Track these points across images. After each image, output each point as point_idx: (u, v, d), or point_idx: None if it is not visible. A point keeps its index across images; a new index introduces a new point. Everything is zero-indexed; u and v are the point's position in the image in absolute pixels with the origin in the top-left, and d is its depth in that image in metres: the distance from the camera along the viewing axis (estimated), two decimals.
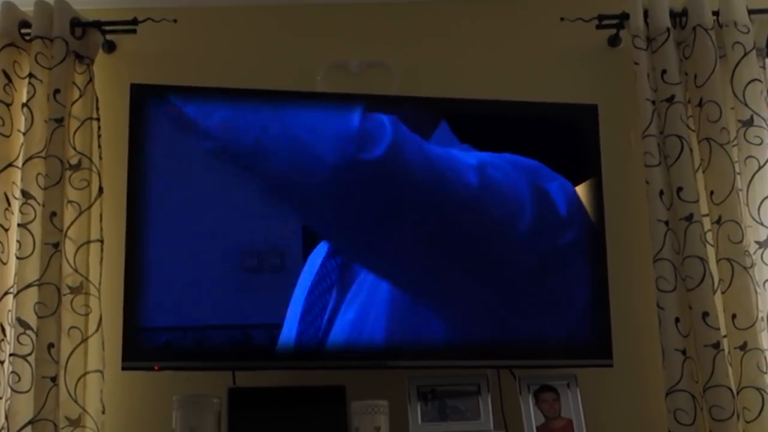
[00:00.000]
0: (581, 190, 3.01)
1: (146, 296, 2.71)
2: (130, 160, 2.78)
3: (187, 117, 2.83)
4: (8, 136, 2.97)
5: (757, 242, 2.98)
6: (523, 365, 2.90)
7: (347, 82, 3.21)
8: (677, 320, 2.88)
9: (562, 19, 3.24)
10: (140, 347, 2.69)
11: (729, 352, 2.89)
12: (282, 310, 2.76)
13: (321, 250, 2.84)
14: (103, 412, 2.82)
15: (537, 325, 2.91)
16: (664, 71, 3.11)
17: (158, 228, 2.75)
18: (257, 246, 2.81)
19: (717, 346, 2.84)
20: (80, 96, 3.02)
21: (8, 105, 2.98)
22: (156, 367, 2.73)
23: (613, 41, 3.34)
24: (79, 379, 2.79)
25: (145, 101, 2.83)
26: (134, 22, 3.13)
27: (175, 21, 3.16)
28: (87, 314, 2.85)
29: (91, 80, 3.06)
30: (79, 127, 2.98)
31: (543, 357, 2.92)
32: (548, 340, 2.91)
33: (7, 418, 2.72)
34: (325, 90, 3.18)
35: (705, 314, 2.87)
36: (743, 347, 2.86)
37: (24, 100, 3.00)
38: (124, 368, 2.69)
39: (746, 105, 3.06)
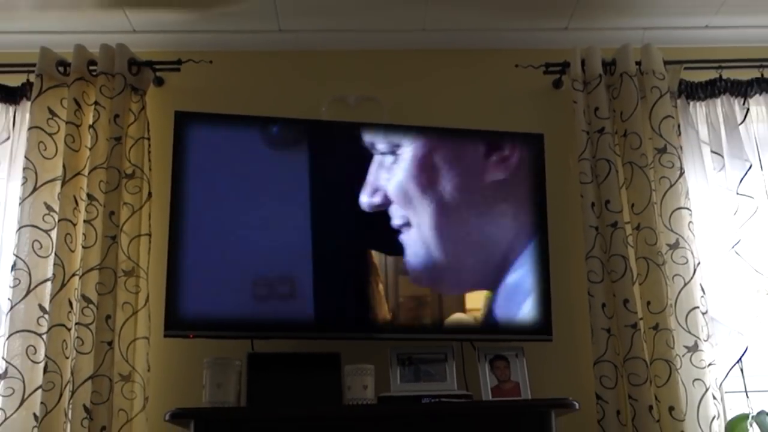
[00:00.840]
0: (530, 201, 3.04)
1: (184, 279, 2.73)
2: (173, 171, 2.82)
3: (218, 137, 2.87)
4: (77, 151, 3.01)
5: (668, 245, 3.04)
6: (481, 339, 2.93)
7: (346, 113, 3.24)
8: (603, 305, 2.95)
9: (516, 65, 3.33)
10: (178, 319, 2.71)
11: (644, 332, 2.95)
12: (294, 293, 2.80)
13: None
14: (149, 370, 2.89)
15: (493, 308, 2.94)
16: (596, 108, 3.17)
17: (195, 226, 2.78)
18: (276, 244, 2.83)
19: (635, 326, 2.91)
20: (135, 120, 3.07)
21: (78, 126, 3.03)
22: (191, 336, 2.77)
23: (557, 84, 3.38)
24: (129, 343, 2.86)
25: (186, 125, 2.86)
26: (178, 62, 3.19)
27: (210, 62, 3.24)
28: (137, 293, 2.91)
29: (143, 108, 3.11)
30: (133, 145, 3.03)
31: (497, 333, 2.94)
32: (502, 320, 2.94)
33: (72, 374, 2.77)
34: (328, 119, 3.21)
35: (626, 301, 2.94)
36: (655, 327, 2.94)
37: (90, 122, 3.05)
38: (165, 336, 2.73)
39: (661, 136, 3.12)
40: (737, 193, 3.12)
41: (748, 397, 3.06)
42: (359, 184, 2.94)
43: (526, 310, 2.96)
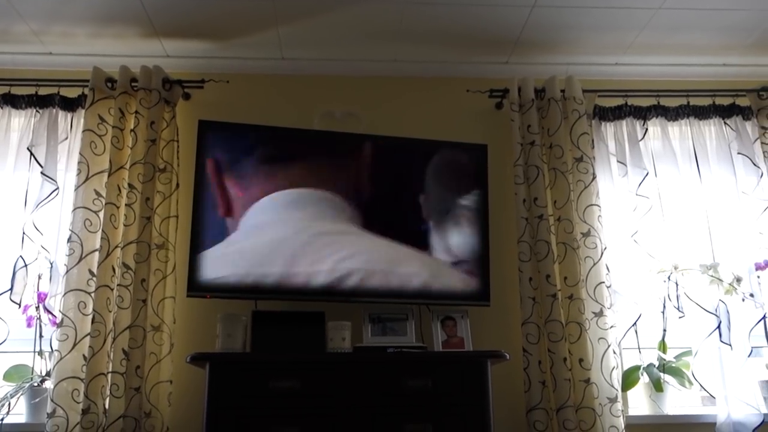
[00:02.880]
0: (476, 196, 3.03)
1: (202, 252, 2.74)
2: (196, 167, 2.84)
3: (233, 141, 2.88)
4: (121, 149, 3.02)
5: (581, 233, 3.05)
6: (434, 303, 2.92)
7: (333, 124, 3.23)
8: (530, 279, 2.98)
9: (467, 90, 3.36)
10: (198, 283, 2.73)
11: (561, 300, 2.98)
12: (287, 266, 2.78)
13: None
14: (174, 323, 2.91)
15: (446, 281, 2.94)
16: (529, 126, 3.18)
17: (211, 209, 2.79)
18: (277, 226, 2.82)
19: (554, 296, 2.95)
20: (167, 126, 3.08)
21: (121, 130, 3.03)
22: (207, 296, 2.78)
23: (499, 106, 3.38)
24: (160, 301, 2.88)
25: (207, 131, 2.87)
26: (202, 81, 3.20)
27: (227, 82, 3.27)
28: (166, 262, 2.93)
29: (174, 116, 3.12)
30: (165, 146, 3.05)
31: (447, 299, 2.93)
32: (451, 289, 2.94)
33: (114, 324, 2.79)
34: (319, 128, 3.20)
35: (548, 276, 2.97)
36: (570, 297, 2.98)
37: (131, 127, 3.05)
38: (188, 296, 2.76)
39: (579, 148, 3.14)
40: (636, 194, 3.14)
41: (640, 352, 3.13)
42: (341, 177, 2.94)
43: (470, 281, 2.97)
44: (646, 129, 3.32)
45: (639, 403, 3.13)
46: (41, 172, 2.99)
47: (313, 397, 2.49)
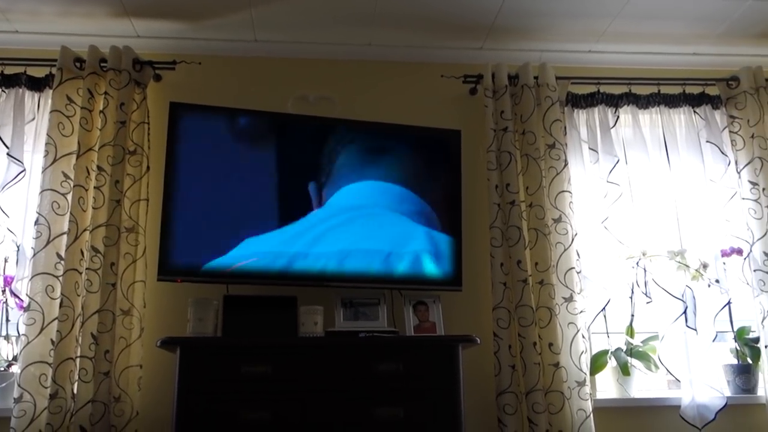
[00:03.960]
0: (449, 181, 3.02)
1: (174, 236, 2.71)
2: (167, 150, 2.78)
3: (204, 123, 2.83)
4: (89, 131, 2.96)
5: (553, 219, 3.08)
6: (407, 288, 2.92)
7: (307, 108, 3.23)
8: (502, 264, 2.99)
9: (442, 76, 3.36)
10: (169, 267, 2.69)
11: (532, 285, 3.00)
12: (259, 250, 2.78)
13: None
14: (144, 307, 2.88)
15: (419, 265, 2.92)
16: (502, 112, 3.18)
17: (183, 193, 2.75)
18: (248, 210, 2.80)
19: (525, 281, 2.97)
20: (137, 108, 3.03)
21: (90, 111, 2.98)
22: (178, 280, 2.75)
23: (473, 92, 3.37)
24: (129, 285, 2.85)
25: (179, 113, 2.81)
26: (174, 63, 3.15)
27: (200, 63, 3.22)
28: (136, 245, 2.89)
29: (144, 98, 3.07)
30: (135, 128, 2.99)
31: (419, 284, 2.92)
32: (423, 274, 2.92)
33: (82, 308, 2.76)
34: (292, 112, 3.19)
35: (519, 261, 2.99)
36: (541, 282, 2.99)
37: (101, 108, 3.00)
38: (158, 280, 2.72)
39: (551, 135, 3.15)
40: (607, 181, 3.16)
41: (608, 337, 3.18)
42: (313, 163, 2.92)
43: (442, 267, 2.97)
44: (618, 116, 3.34)
45: (606, 386, 3.17)
46: (7, 154, 2.92)
47: (284, 381, 2.49)
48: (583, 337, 2.99)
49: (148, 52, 3.20)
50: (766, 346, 3.09)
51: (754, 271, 3.16)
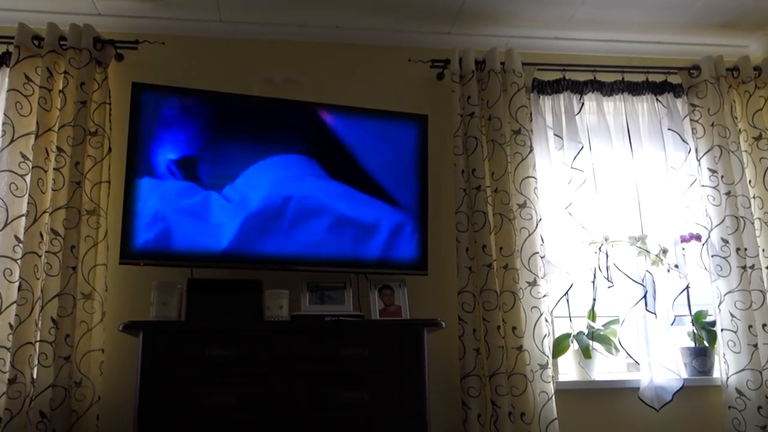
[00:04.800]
0: (416, 166, 3.01)
1: (136, 218, 2.67)
2: (130, 131, 2.73)
3: (167, 104, 2.78)
4: (49, 111, 2.90)
5: (518, 204, 3.10)
6: (372, 272, 2.92)
7: (273, 91, 3.19)
8: (467, 249, 3.01)
9: (409, 60, 3.36)
10: (131, 250, 2.66)
11: (496, 270, 3.02)
12: (223, 234, 2.75)
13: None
14: (106, 290, 2.84)
15: (384, 250, 2.93)
16: (469, 97, 3.19)
17: (145, 175, 2.70)
18: (209, 189, 2.76)
19: (490, 265, 2.99)
20: (98, 88, 2.98)
21: (49, 90, 2.92)
22: (141, 263, 2.70)
23: (440, 76, 3.37)
24: (91, 268, 2.81)
25: (141, 93, 2.76)
26: (136, 42, 3.10)
27: (163, 43, 3.17)
28: (97, 228, 2.85)
29: (106, 78, 3.02)
30: (96, 108, 2.94)
31: (385, 268, 2.92)
32: (389, 258, 2.93)
33: (42, 292, 2.72)
34: (259, 95, 3.14)
35: (484, 246, 3.01)
36: (505, 267, 3.02)
37: (60, 88, 2.94)
38: (120, 263, 2.68)
39: (517, 121, 3.17)
40: (571, 167, 3.20)
41: (571, 320, 3.22)
42: (281, 147, 2.90)
43: (408, 251, 2.97)
44: (583, 103, 3.37)
45: (568, 369, 3.23)
46: None
47: (249, 365, 2.48)
48: (546, 320, 3.04)
49: (109, 30, 3.14)
50: (722, 330, 3.17)
51: (712, 256, 3.23)
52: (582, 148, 3.22)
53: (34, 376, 2.68)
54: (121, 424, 2.78)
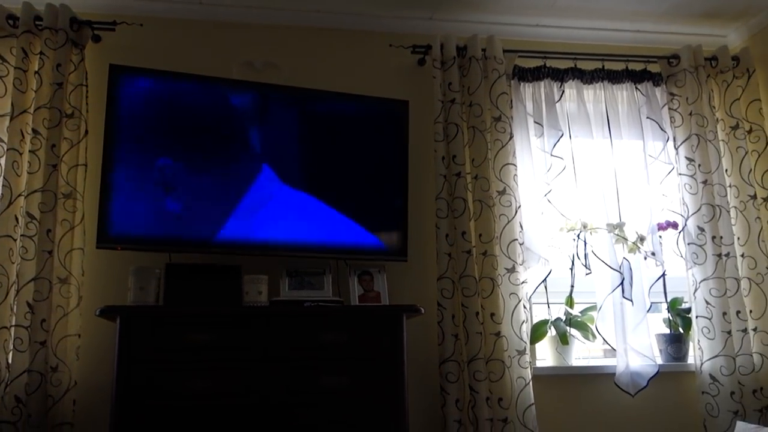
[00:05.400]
0: (396, 152, 3.01)
1: (113, 202, 2.64)
2: (107, 114, 2.70)
3: (145, 87, 2.75)
4: (24, 92, 2.86)
5: (497, 191, 3.11)
6: (352, 258, 2.93)
7: (252, 75, 3.15)
8: (447, 235, 3.02)
9: (390, 45, 3.34)
10: (108, 234, 2.63)
11: (476, 256, 3.03)
12: (203, 218, 2.74)
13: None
14: (83, 275, 2.82)
15: (364, 236, 2.93)
16: (450, 83, 3.19)
17: (123, 158, 2.67)
18: (191, 174, 2.75)
19: (469, 252, 3.00)
20: (75, 69, 2.94)
21: (25, 71, 2.88)
22: (118, 248, 2.68)
23: (421, 62, 3.35)
24: (67, 253, 2.78)
25: (118, 75, 2.72)
26: (114, 23, 3.06)
27: (141, 25, 3.13)
28: (74, 212, 2.82)
29: (83, 59, 2.97)
30: (73, 90, 2.91)
31: (365, 254, 2.93)
32: (368, 244, 2.93)
33: (17, 276, 2.70)
34: (238, 78, 3.09)
35: (463, 233, 3.02)
36: (485, 253, 3.03)
37: (36, 69, 2.88)
38: (97, 247, 2.66)
39: (497, 108, 3.17)
40: (551, 155, 3.21)
41: (549, 307, 3.25)
42: (257, 130, 2.88)
43: (387, 237, 2.98)
44: (563, 91, 3.38)
45: (546, 355, 3.26)
46: None
47: (228, 350, 2.48)
48: (524, 307, 3.06)
49: (86, 11, 3.09)
50: (697, 317, 3.22)
51: (688, 244, 3.27)
52: (562, 135, 3.23)
53: (10, 361, 2.65)
54: (98, 409, 2.76)
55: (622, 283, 3.12)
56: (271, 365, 2.50)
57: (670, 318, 3.32)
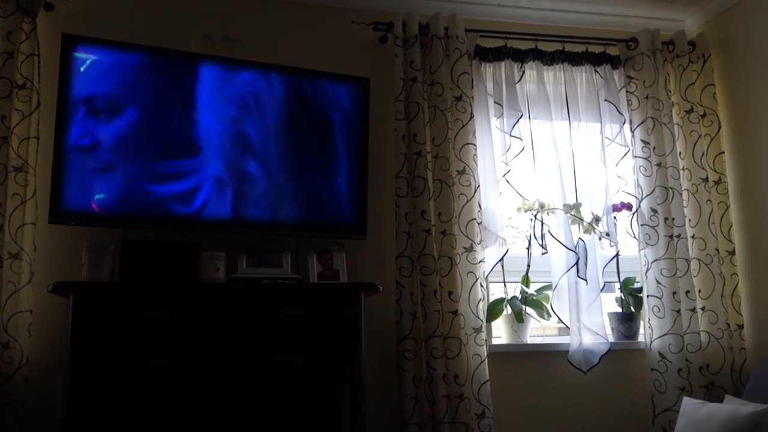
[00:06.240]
0: (357, 130, 3.01)
1: (66, 175, 2.60)
2: (59, 85, 2.64)
3: (99, 58, 2.70)
4: None
5: (457, 170, 3.13)
6: (311, 236, 2.93)
7: (212, 49, 3.08)
8: (406, 214, 3.04)
9: (352, 22, 3.29)
10: (61, 209, 2.59)
11: (434, 235, 3.05)
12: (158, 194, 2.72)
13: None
14: (35, 250, 2.76)
15: (323, 213, 2.94)
16: (411, 62, 3.18)
17: (76, 129, 2.63)
18: (147, 150, 2.71)
19: (428, 231, 3.02)
20: (26, 38, 2.84)
21: None
22: (72, 223, 2.64)
23: (383, 40, 3.31)
24: (18, 228, 2.72)
25: (71, 45, 2.66)
26: None
27: None
28: (25, 186, 2.75)
29: (34, 28, 2.87)
30: (24, 60, 2.82)
31: (324, 231, 2.94)
32: (329, 222, 2.94)
33: None
34: (197, 51, 3.01)
35: (423, 212, 3.04)
36: (443, 233, 3.06)
37: None
38: (50, 222, 2.61)
39: (458, 87, 3.18)
40: (510, 135, 3.23)
41: (505, 285, 3.29)
42: (215, 104, 2.85)
43: (347, 215, 2.98)
44: (523, 72, 3.39)
45: (501, 332, 3.31)
46: None
47: (184, 327, 2.47)
48: (481, 285, 3.11)
49: None
50: (648, 296, 3.30)
51: (641, 225, 3.34)
52: (521, 116, 3.26)
53: None
54: (51, 386, 2.71)
55: (577, 263, 3.18)
56: (228, 342, 2.50)
57: (623, 297, 3.40)
